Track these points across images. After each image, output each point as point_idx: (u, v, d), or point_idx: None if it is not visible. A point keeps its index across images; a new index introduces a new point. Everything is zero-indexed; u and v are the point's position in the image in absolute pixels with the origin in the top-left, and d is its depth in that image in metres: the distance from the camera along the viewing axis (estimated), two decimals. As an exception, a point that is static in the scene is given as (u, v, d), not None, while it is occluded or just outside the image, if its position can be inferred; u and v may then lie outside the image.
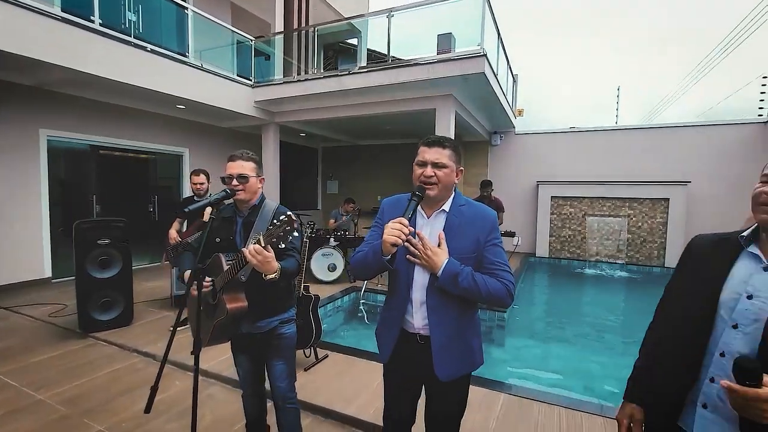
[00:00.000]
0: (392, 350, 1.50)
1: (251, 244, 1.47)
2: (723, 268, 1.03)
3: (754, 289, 0.96)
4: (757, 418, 0.85)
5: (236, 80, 6.68)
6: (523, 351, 4.07)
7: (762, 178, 0.98)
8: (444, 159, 1.41)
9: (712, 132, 7.71)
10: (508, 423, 2.38)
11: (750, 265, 1.00)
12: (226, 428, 2.38)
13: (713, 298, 1.01)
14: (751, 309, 0.95)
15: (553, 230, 8.90)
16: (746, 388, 0.83)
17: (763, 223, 0.98)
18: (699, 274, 1.09)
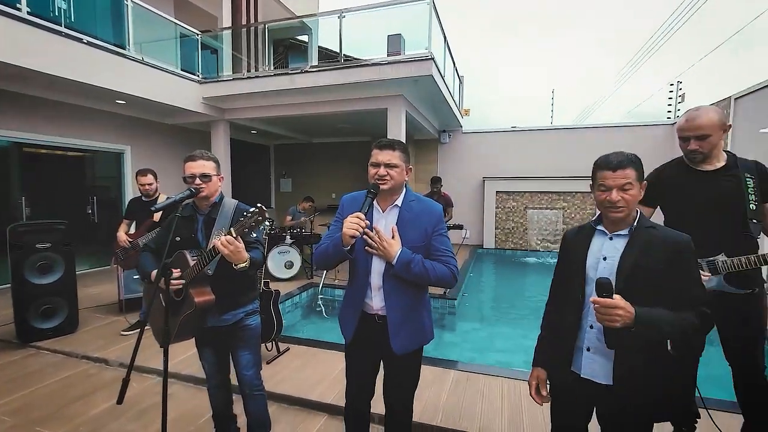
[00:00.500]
0: (355, 329, 1.68)
1: (222, 236, 1.57)
2: (585, 244, 1.41)
3: (606, 253, 1.35)
4: (613, 323, 1.18)
5: (181, 75, 6.45)
6: (471, 334, 4.44)
7: (600, 187, 1.33)
8: (395, 159, 1.61)
9: (631, 132, 8.68)
10: (457, 394, 2.66)
11: (601, 239, 1.39)
12: (191, 422, 2.43)
13: (582, 266, 1.38)
14: (606, 267, 1.33)
15: (498, 223, 9.54)
16: (605, 299, 1.18)
17: (610, 218, 1.35)
18: (571, 254, 1.44)
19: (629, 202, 1.28)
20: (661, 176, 2.01)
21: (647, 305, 1.20)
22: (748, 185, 1.79)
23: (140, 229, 3.70)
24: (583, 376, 1.36)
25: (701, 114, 1.79)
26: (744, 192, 1.79)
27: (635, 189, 1.28)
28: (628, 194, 1.27)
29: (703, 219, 1.82)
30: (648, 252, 1.27)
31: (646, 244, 1.28)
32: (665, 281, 1.24)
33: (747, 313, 1.84)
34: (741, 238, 1.81)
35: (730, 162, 1.84)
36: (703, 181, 1.85)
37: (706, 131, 1.77)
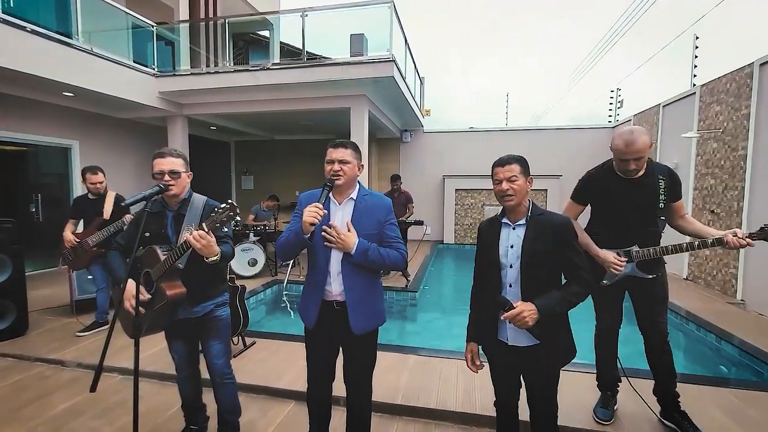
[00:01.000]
0: (317, 316, 1.82)
1: (194, 231, 1.66)
2: (496, 235, 1.68)
3: (512, 242, 1.63)
4: (525, 324, 1.48)
5: (135, 68, 6.20)
6: (431, 323, 4.70)
7: (495, 181, 1.64)
8: (347, 157, 1.79)
9: (576, 134, 9.38)
10: (416, 376, 2.87)
11: (507, 230, 1.67)
12: (159, 415, 2.47)
13: (496, 256, 1.65)
14: (513, 253, 1.62)
15: (458, 219, 9.96)
16: (510, 311, 1.48)
17: (506, 206, 1.65)
18: (486, 245, 1.71)
19: (517, 192, 1.59)
20: (592, 182, 2.30)
21: (546, 279, 1.56)
22: (660, 187, 2.12)
23: (89, 228, 3.58)
24: (511, 343, 1.64)
25: (637, 139, 1.99)
26: (657, 194, 2.12)
27: (521, 180, 1.59)
28: (515, 184, 1.58)
29: (624, 218, 2.16)
30: (540, 235, 1.57)
31: (538, 229, 1.59)
32: (556, 255, 1.57)
33: (654, 293, 2.20)
34: (650, 232, 2.15)
35: (647, 169, 2.14)
36: (628, 188, 2.14)
37: (642, 153, 2.03)
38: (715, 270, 5.44)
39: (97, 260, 3.66)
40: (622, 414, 2.39)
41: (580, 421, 2.32)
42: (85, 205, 3.66)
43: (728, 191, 5.21)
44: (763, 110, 4.67)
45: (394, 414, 2.50)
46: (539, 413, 1.66)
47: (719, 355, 3.70)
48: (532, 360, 1.62)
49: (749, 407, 2.46)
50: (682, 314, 4.44)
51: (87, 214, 3.65)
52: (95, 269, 3.69)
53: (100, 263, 3.69)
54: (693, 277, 5.97)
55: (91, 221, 3.61)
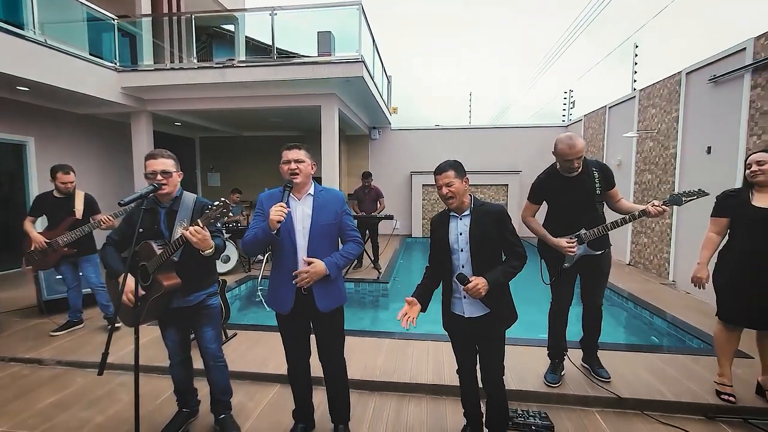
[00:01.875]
0: (293, 301, 2.01)
1: (190, 227, 1.82)
2: (446, 226, 1.99)
3: (460, 230, 1.94)
4: (479, 294, 1.79)
5: (96, 62, 6.01)
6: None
7: (437, 187, 1.91)
8: (302, 157, 2.03)
9: (534, 132, 10.00)
10: (391, 357, 3.15)
11: (455, 221, 1.97)
12: (151, 402, 2.59)
13: (447, 242, 1.96)
14: (462, 239, 1.92)
15: (425, 213, 10.35)
16: (469, 284, 1.77)
17: (449, 207, 1.94)
18: (439, 234, 2.01)
19: (455, 193, 1.88)
20: (543, 185, 2.69)
21: (490, 257, 1.87)
22: (595, 177, 2.54)
23: (59, 228, 3.50)
24: (467, 315, 1.95)
25: (576, 142, 2.44)
26: (594, 184, 2.52)
27: (457, 183, 1.88)
28: (452, 188, 1.87)
29: (571, 208, 2.58)
30: (482, 223, 1.90)
31: (481, 217, 1.91)
32: (496, 237, 1.90)
33: (601, 267, 2.66)
34: (594, 216, 2.57)
35: (583, 166, 2.56)
36: (570, 184, 2.57)
37: (581, 153, 2.47)
38: (652, 255, 6.11)
39: (66, 260, 3.60)
40: (567, 378, 2.78)
41: (533, 385, 2.69)
42: (51, 204, 3.57)
43: (662, 185, 5.87)
44: (689, 114, 5.32)
45: (373, 390, 2.76)
46: (491, 372, 1.97)
47: (651, 327, 4.26)
48: (484, 327, 1.94)
49: (669, 367, 2.94)
50: (625, 295, 5.00)
51: (53, 212, 3.56)
52: (65, 269, 3.64)
53: (69, 263, 3.65)
54: (634, 263, 6.66)
55: (59, 220, 3.54)
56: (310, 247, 2.00)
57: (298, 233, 2.02)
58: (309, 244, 2.00)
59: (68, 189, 3.55)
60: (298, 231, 2.02)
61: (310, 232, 2.01)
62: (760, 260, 2.31)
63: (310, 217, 2.03)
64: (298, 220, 2.02)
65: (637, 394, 2.58)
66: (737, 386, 2.56)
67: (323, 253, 2.01)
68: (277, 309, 2.09)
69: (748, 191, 2.41)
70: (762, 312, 2.35)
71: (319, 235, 2.02)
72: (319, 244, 2.01)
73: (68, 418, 2.44)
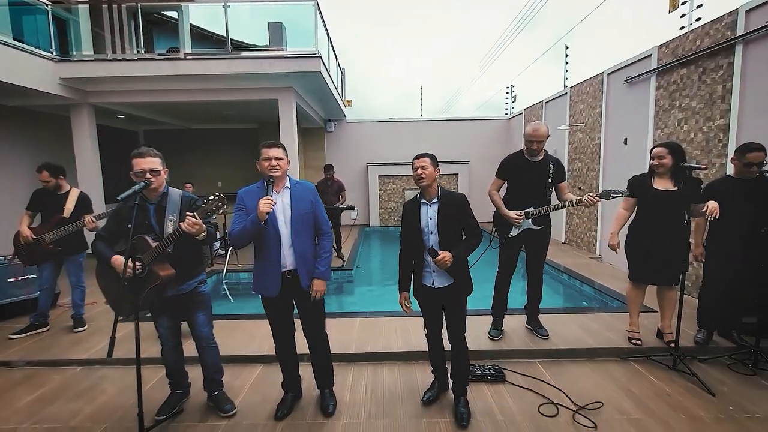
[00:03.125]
0: (280, 285, 2.27)
1: (188, 218, 1.99)
2: (417, 212, 2.31)
3: (430, 215, 2.27)
4: (446, 265, 2.14)
5: (29, 50, 5.58)
6: (367, 294, 5.37)
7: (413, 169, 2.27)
8: (280, 154, 2.26)
9: (480, 125, 10.70)
10: (364, 332, 3.48)
11: (425, 207, 2.30)
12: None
13: (418, 226, 2.29)
14: (432, 223, 2.26)
15: (382, 203, 10.73)
16: (436, 258, 2.11)
17: (420, 186, 2.28)
18: (410, 219, 2.34)
19: (427, 176, 2.24)
20: (507, 163, 3.21)
21: (454, 237, 2.25)
22: (550, 169, 3.06)
23: (46, 225, 3.43)
24: (436, 286, 2.32)
25: (541, 127, 3.02)
26: (548, 174, 3.03)
27: (430, 169, 2.25)
28: (426, 171, 2.23)
29: (528, 188, 3.10)
30: (448, 208, 2.26)
31: (447, 204, 2.27)
32: (460, 220, 2.28)
33: (542, 241, 3.20)
34: (542, 197, 3.08)
35: (544, 156, 3.11)
36: (531, 167, 3.10)
37: (543, 138, 3.02)
38: (583, 234, 6.97)
39: (51, 258, 3.52)
40: (515, 338, 3.29)
41: (486, 345, 3.17)
42: (46, 200, 3.51)
43: (590, 172, 6.69)
44: (610, 109, 6.12)
45: (350, 361, 3.07)
46: (456, 330, 2.35)
47: (581, 294, 4.98)
48: (449, 295, 2.32)
49: (593, 323, 3.55)
50: (561, 269, 5.73)
51: (47, 209, 3.52)
52: (46, 267, 3.56)
53: (53, 262, 3.58)
54: (568, 241, 7.53)
55: (49, 217, 3.47)
56: (292, 234, 2.25)
57: (281, 223, 2.26)
58: (291, 232, 2.25)
59: (49, 186, 3.49)
60: (280, 221, 2.26)
61: (291, 221, 2.26)
62: (659, 231, 2.92)
63: (290, 208, 2.27)
64: (279, 211, 2.26)
65: (569, 345, 3.15)
66: (643, 333, 3.21)
67: (303, 237, 2.28)
68: (265, 294, 2.31)
69: (651, 176, 3.01)
70: (660, 271, 2.98)
71: (298, 223, 2.27)
72: (298, 231, 2.26)
73: (57, 410, 2.50)
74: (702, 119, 4.30)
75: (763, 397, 2.49)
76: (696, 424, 2.25)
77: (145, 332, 2.09)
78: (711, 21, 4.23)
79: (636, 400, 2.49)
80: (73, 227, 3.36)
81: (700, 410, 2.37)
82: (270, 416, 2.40)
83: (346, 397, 2.61)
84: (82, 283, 3.73)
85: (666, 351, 2.98)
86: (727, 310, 3.10)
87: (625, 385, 2.67)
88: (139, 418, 2.07)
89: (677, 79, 4.66)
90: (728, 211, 2.77)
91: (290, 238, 2.25)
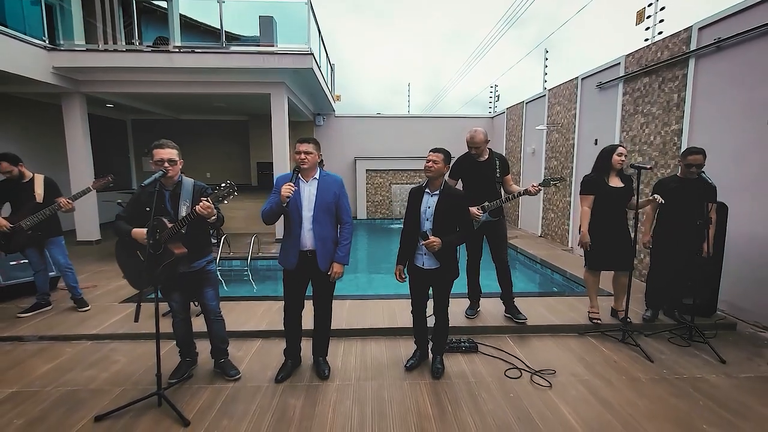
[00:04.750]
0: (297, 262, 2.61)
1: (203, 202, 2.27)
2: (420, 199, 2.65)
3: (430, 205, 2.61)
4: (434, 249, 2.48)
5: (19, 38, 5.62)
6: (356, 280, 5.70)
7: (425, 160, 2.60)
8: (310, 149, 2.57)
9: (465, 122, 11.08)
10: (353, 312, 3.82)
11: (427, 196, 2.64)
12: (149, 359, 2.97)
13: (418, 212, 2.62)
14: (429, 211, 2.60)
15: (369, 197, 11.05)
16: (427, 241, 2.45)
17: (427, 176, 2.62)
18: (413, 205, 2.68)
19: (435, 169, 2.55)
20: (458, 165, 3.54)
21: (446, 228, 2.54)
22: (496, 165, 3.41)
23: (22, 212, 3.54)
24: (425, 267, 2.66)
25: (477, 135, 3.38)
26: (495, 169, 3.38)
27: (440, 163, 2.56)
28: (435, 165, 2.55)
29: (479, 185, 3.42)
30: (446, 201, 2.58)
31: (445, 197, 2.59)
32: (455, 214, 2.60)
33: (499, 230, 3.53)
34: (494, 191, 3.42)
35: (489, 155, 3.46)
36: (479, 166, 3.44)
37: (480, 144, 3.38)
38: (557, 228, 7.45)
39: (32, 243, 3.68)
40: (489, 317, 3.68)
41: (461, 322, 3.55)
42: (12, 189, 3.60)
43: (564, 170, 7.16)
44: (583, 112, 6.57)
45: (341, 336, 3.40)
46: (441, 304, 2.72)
47: (552, 281, 5.43)
48: (437, 276, 2.66)
49: (559, 305, 3.98)
50: (537, 260, 6.17)
51: (15, 198, 3.60)
52: (31, 252, 3.71)
53: (35, 246, 3.73)
54: (544, 234, 8.01)
55: (20, 205, 3.59)
56: (313, 219, 2.57)
57: (305, 208, 2.58)
58: (313, 217, 2.57)
59: (13, 176, 3.58)
60: (305, 207, 2.58)
61: (314, 208, 2.57)
62: (612, 222, 3.34)
63: (315, 196, 2.58)
64: (305, 198, 2.58)
65: (535, 323, 3.56)
66: (601, 314, 3.64)
67: (323, 224, 2.58)
68: (285, 266, 2.66)
69: (604, 175, 3.41)
70: (614, 258, 3.40)
71: (320, 210, 2.58)
72: (319, 218, 2.57)
73: (75, 377, 2.76)
74: (660, 124, 4.76)
75: (692, 363, 2.94)
76: (634, 384, 2.68)
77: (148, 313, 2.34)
78: (670, 35, 4.69)
79: (587, 366, 2.91)
80: (49, 211, 3.50)
81: (640, 373, 2.81)
82: (271, 380, 2.72)
83: (338, 364, 2.95)
84: (70, 265, 3.88)
85: (617, 327, 3.41)
86: (671, 292, 3.57)
87: (580, 355, 3.09)
88: (157, 378, 2.38)
89: (641, 87, 5.11)
90: (672, 206, 3.22)
91: (311, 223, 2.56)
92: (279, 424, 2.25)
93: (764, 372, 2.84)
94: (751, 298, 3.67)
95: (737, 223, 3.67)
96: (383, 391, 2.60)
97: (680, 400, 2.48)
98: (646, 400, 2.48)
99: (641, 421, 2.28)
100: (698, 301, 3.43)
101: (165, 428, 2.21)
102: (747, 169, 3.72)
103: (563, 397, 2.52)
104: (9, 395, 2.54)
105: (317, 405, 2.45)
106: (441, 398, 2.52)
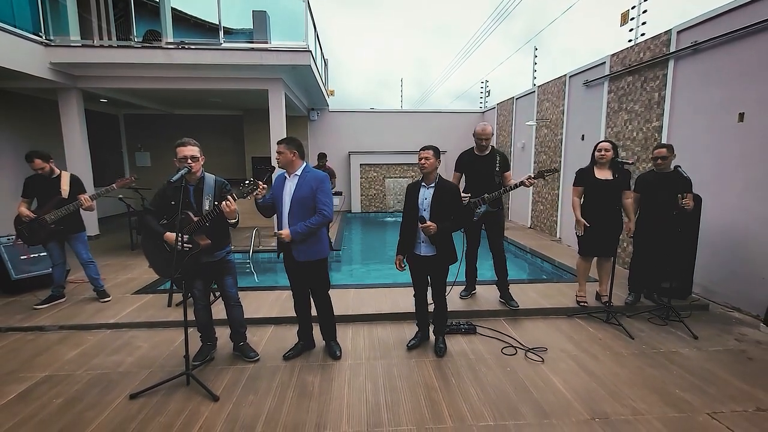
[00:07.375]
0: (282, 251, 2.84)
1: (228, 200, 2.47)
2: (417, 192, 2.91)
3: (426, 197, 2.87)
4: (430, 233, 2.73)
5: (16, 33, 5.62)
6: (355, 271, 5.94)
7: (419, 158, 2.84)
8: (281, 149, 2.74)
9: (456, 117, 11.34)
10: (357, 300, 4.05)
11: (423, 189, 2.90)
12: (171, 344, 3.17)
13: (416, 204, 2.87)
14: (426, 203, 2.86)
15: (363, 190, 11.24)
16: (423, 225, 2.74)
17: (422, 172, 2.86)
18: (411, 198, 2.91)
19: (429, 165, 2.80)
20: (461, 159, 3.79)
21: (441, 218, 2.77)
22: (497, 161, 3.65)
23: (47, 206, 3.68)
24: (423, 254, 2.91)
25: (487, 127, 3.63)
26: (495, 164, 3.63)
27: (432, 159, 2.80)
28: (428, 161, 2.78)
29: (479, 178, 3.67)
30: (442, 194, 2.83)
31: (442, 190, 2.84)
32: (451, 205, 2.84)
33: (498, 221, 3.80)
34: (492, 184, 3.67)
35: (491, 151, 3.70)
36: (481, 160, 3.68)
37: (489, 136, 3.62)
38: (546, 219, 7.78)
39: (54, 237, 3.78)
40: (483, 302, 3.96)
41: (460, 306, 3.82)
42: (40, 185, 3.74)
43: (553, 164, 7.46)
44: (571, 108, 6.86)
45: (348, 321, 3.64)
46: (439, 289, 2.97)
47: (542, 269, 5.75)
48: (434, 263, 2.91)
49: (549, 290, 4.28)
50: (527, 250, 6.48)
51: (42, 193, 3.73)
52: (52, 246, 3.82)
53: (57, 241, 3.84)
54: (533, 226, 8.35)
55: (47, 200, 3.71)
56: (290, 212, 2.75)
57: (285, 202, 2.78)
58: (290, 210, 2.75)
59: (45, 172, 3.72)
60: (285, 201, 2.78)
61: (291, 201, 2.76)
62: (600, 212, 3.63)
63: (293, 191, 2.77)
64: (286, 192, 2.78)
65: (528, 306, 3.85)
66: (588, 299, 3.95)
67: (299, 216, 2.74)
68: (280, 256, 2.90)
69: (592, 168, 3.70)
70: (601, 245, 3.70)
71: (296, 204, 2.75)
72: (296, 211, 2.74)
73: (102, 361, 2.94)
74: (642, 121, 5.07)
75: (668, 339, 3.27)
76: (617, 358, 2.98)
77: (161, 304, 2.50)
78: (651, 37, 4.98)
79: (575, 343, 3.21)
80: (73, 206, 3.67)
81: (622, 349, 3.11)
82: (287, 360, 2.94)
83: (348, 346, 3.19)
84: (92, 258, 4.05)
85: (602, 309, 3.72)
86: (651, 277, 3.89)
87: (569, 334, 3.39)
88: (186, 359, 2.58)
89: (625, 85, 5.41)
90: (651, 198, 3.53)
91: (288, 216, 2.75)
92: (300, 398, 2.48)
93: (731, 345, 3.18)
94: (722, 282, 4.02)
95: (711, 214, 4.01)
96: (392, 368, 2.85)
97: (656, 370, 2.79)
98: (626, 371, 2.79)
99: (622, 387, 2.58)
100: (675, 284, 3.76)
101: (197, 403, 2.42)
102: (720, 163, 4.04)
103: (554, 370, 2.81)
104: (43, 378, 2.71)
105: (333, 381, 2.69)
106: (445, 372, 2.78)
